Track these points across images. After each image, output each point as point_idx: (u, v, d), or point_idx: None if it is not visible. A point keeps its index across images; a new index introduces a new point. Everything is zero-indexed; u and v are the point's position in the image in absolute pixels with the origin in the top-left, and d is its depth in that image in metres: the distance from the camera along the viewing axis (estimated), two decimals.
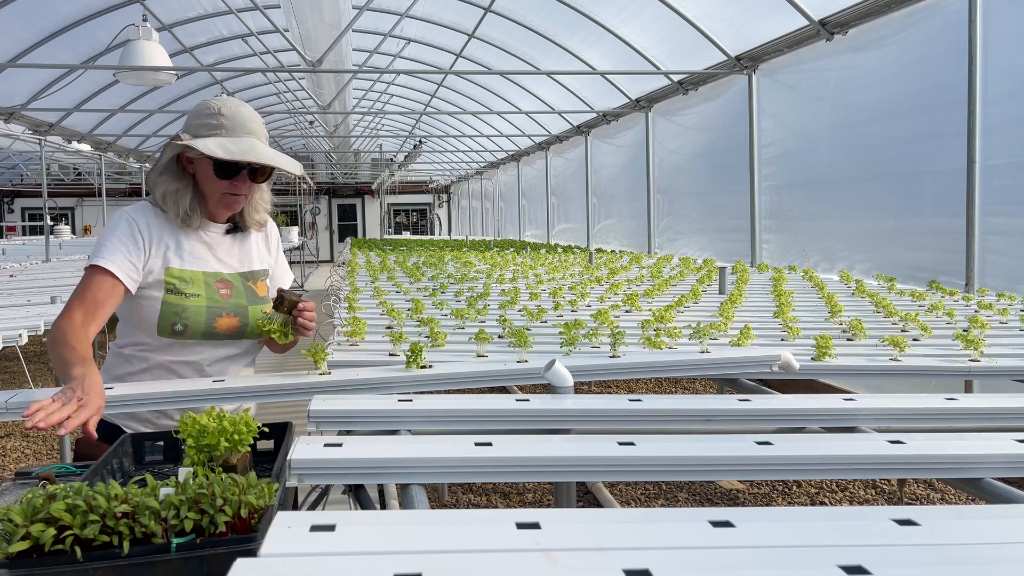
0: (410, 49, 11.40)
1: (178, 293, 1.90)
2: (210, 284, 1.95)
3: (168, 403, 1.78)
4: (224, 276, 1.99)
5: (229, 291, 1.97)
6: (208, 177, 1.93)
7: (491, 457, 1.27)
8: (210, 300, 1.93)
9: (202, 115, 1.92)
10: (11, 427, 6.23)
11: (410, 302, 3.28)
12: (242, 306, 1.98)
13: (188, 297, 1.91)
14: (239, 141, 1.89)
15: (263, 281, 2.08)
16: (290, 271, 2.27)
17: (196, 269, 1.95)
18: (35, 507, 0.95)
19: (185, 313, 1.89)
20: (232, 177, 1.92)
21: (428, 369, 1.87)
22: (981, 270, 4.23)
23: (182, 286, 1.91)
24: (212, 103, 1.94)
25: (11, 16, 7.50)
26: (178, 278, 1.91)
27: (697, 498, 4.43)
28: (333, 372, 1.88)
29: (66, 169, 21.44)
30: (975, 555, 0.89)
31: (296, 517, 0.96)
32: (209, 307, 1.92)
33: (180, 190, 1.93)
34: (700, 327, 2.16)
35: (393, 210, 27.73)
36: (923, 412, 1.63)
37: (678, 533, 0.94)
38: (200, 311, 1.91)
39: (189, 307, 1.90)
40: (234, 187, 1.94)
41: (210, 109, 1.92)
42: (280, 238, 2.24)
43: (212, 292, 1.94)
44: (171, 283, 1.90)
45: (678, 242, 8.50)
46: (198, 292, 1.92)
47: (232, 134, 1.90)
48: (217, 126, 1.90)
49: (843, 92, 5.50)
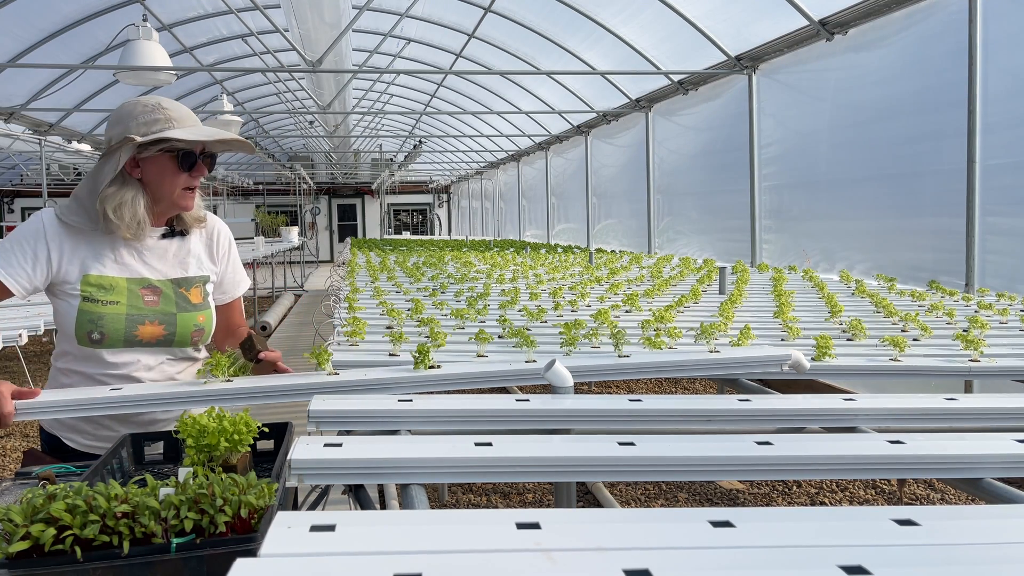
0: (410, 49, 11.40)
1: (93, 301, 1.85)
2: (134, 291, 1.89)
3: (169, 404, 1.78)
4: (152, 282, 1.93)
5: (156, 298, 1.92)
6: (167, 174, 1.88)
7: (491, 457, 1.27)
8: (131, 307, 1.88)
9: (144, 114, 1.86)
10: (11, 427, 6.23)
11: (410, 302, 3.28)
12: (169, 313, 1.92)
13: (105, 304, 1.85)
14: (196, 129, 1.88)
15: (198, 287, 2.00)
16: (247, 277, 2.21)
17: (118, 276, 1.90)
18: (35, 507, 0.95)
19: (101, 321, 1.84)
20: (192, 167, 1.90)
21: (435, 369, 1.87)
22: (981, 270, 4.23)
23: (99, 293, 1.86)
24: (147, 101, 1.89)
25: (11, 16, 7.50)
26: (95, 285, 1.86)
27: (697, 498, 4.43)
28: (340, 373, 1.88)
29: (66, 169, 21.42)
30: (975, 555, 0.89)
31: (296, 517, 0.96)
32: (129, 314, 1.87)
33: (134, 198, 1.86)
34: (704, 327, 2.16)
35: (393, 210, 27.74)
36: (923, 412, 1.63)
37: (678, 533, 0.94)
38: (118, 318, 1.86)
39: (106, 314, 1.85)
40: (192, 179, 1.91)
41: (148, 106, 1.87)
42: (232, 241, 2.16)
43: (135, 299, 1.89)
44: (87, 291, 1.85)
45: (678, 242, 8.51)
46: (117, 299, 1.87)
47: (183, 124, 1.88)
48: (167, 119, 1.86)
49: (843, 92, 5.50)
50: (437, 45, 10.94)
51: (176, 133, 1.84)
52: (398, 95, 15.14)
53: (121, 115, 1.89)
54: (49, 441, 1.94)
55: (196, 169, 1.91)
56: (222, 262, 2.11)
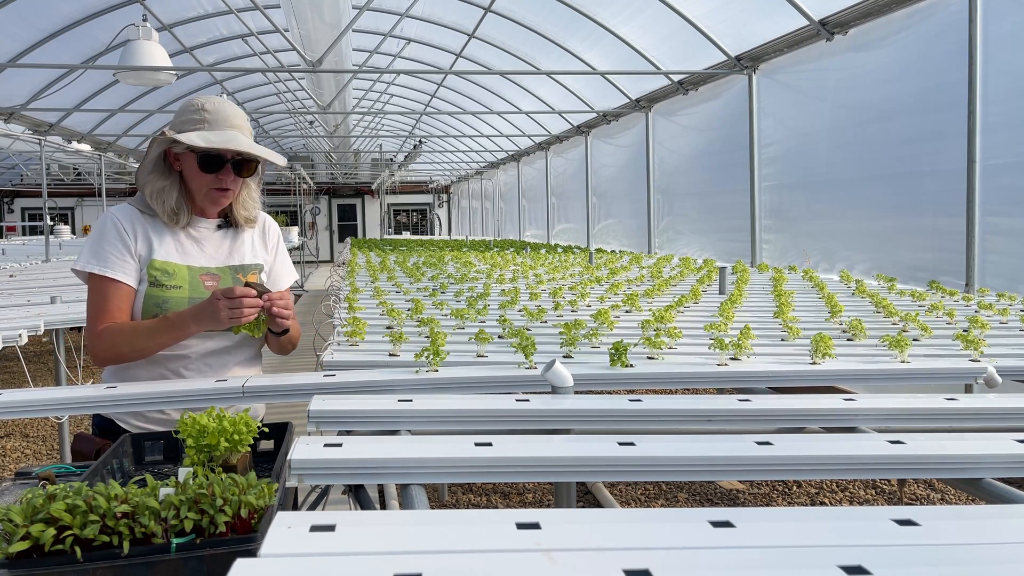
0: (410, 49, 11.40)
1: (159, 285, 1.92)
2: (194, 277, 1.97)
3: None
4: (211, 270, 2.00)
5: (215, 283, 1.98)
6: (194, 172, 1.95)
7: (491, 457, 1.27)
8: (193, 291, 1.94)
9: (186, 112, 1.96)
10: (11, 427, 6.23)
11: (410, 302, 3.28)
12: None
13: (169, 289, 1.92)
14: (220, 133, 1.92)
15: (255, 274, 2.08)
16: (293, 271, 2.28)
17: (180, 262, 1.97)
18: (35, 507, 0.95)
19: (166, 304, 1.91)
20: (216, 171, 1.94)
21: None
22: (981, 270, 4.23)
23: (163, 278, 1.93)
24: (196, 100, 1.97)
25: (11, 16, 7.50)
26: (160, 270, 1.93)
27: (697, 498, 4.43)
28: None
29: (66, 169, 21.43)
30: (975, 555, 0.89)
31: (296, 517, 0.96)
32: (192, 298, 1.93)
33: (167, 188, 1.96)
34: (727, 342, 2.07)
35: (393, 210, 27.74)
36: (923, 412, 1.63)
37: (678, 533, 0.94)
38: (181, 302, 1.92)
39: (170, 298, 1.92)
40: (219, 181, 1.96)
41: (194, 106, 1.96)
42: (281, 237, 2.25)
43: (196, 284, 1.96)
44: (153, 275, 1.93)
45: (678, 242, 8.50)
46: (180, 284, 1.94)
47: (214, 128, 1.93)
48: (200, 120, 1.93)
49: (843, 92, 5.49)
50: (437, 45, 10.94)
51: (193, 136, 1.88)
52: (398, 95, 15.14)
53: (179, 108, 1.99)
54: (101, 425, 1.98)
55: (223, 173, 1.95)
56: (271, 253, 2.18)
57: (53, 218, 22.48)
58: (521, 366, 1.96)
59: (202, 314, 1.82)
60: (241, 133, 1.96)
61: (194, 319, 1.83)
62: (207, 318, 1.81)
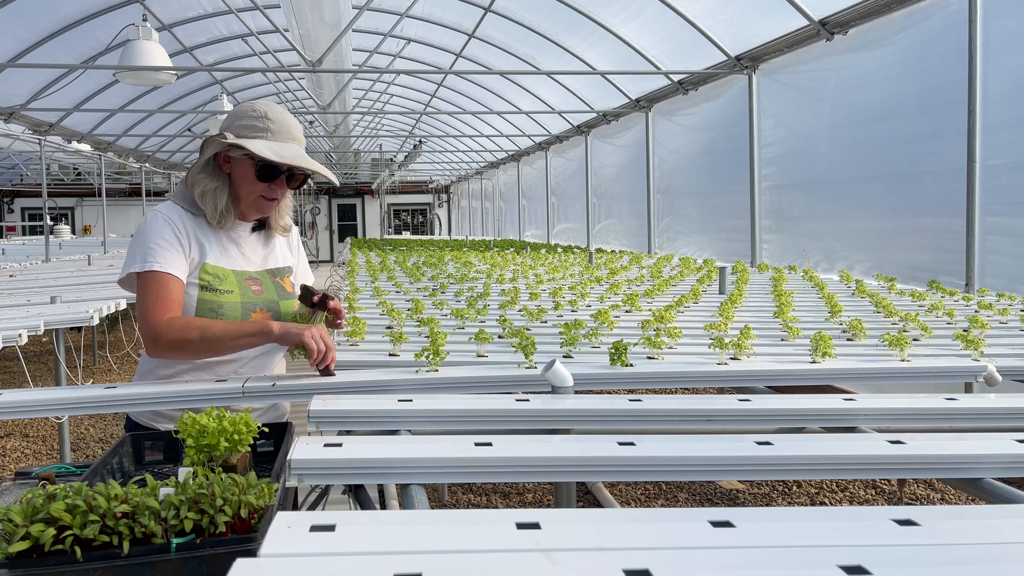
0: (410, 49, 11.40)
1: (213, 290, 1.91)
2: (241, 282, 1.97)
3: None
4: (252, 274, 2.01)
5: (259, 287, 1.99)
6: (247, 179, 1.94)
7: (491, 457, 1.27)
8: (244, 296, 1.94)
9: (246, 116, 1.93)
10: (11, 427, 6.23)
11: (410, 302, 3.28)
12: (273, 301, 1.99)
13: (223, 294, 1.91)
14: (286, 146, 1.91)
15: (288, 277, 2.09)
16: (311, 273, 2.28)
17: (227, 267, 1.96)
18: (35, 507, 0.95)
19: (222, 309, 1.90)
20: (272, 181, 1.94)
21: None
22: (981, 270, 4.23)
23: (216, 283, 1.92)
24: (258, 106, 1.95)
25: (11, 16, 7.50)
26: (212, 275, 1.92)
27: (697, 498, 4.43)
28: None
29: (66, 169, 21.44)
30: (975, 555, 0.89)
31: (296, 517, 0.96)
32: (244, 303, 1.93)
33: (218, 189, 1.94)
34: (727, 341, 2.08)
35: (393, 210, 27.73)
36: (923, 412, 1.63)
37: (678, 533, 0.94)
38: (236, 307, 1.92)
39: (225, 303, 1.91)
40: (271, 191, 1.96)
41: (256, 112, 1.93)
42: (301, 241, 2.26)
43: (244, 289, 1.96)
44: (206, 280, 1.91)
45: (678, 242, 8.50)
46: (231, 289, 1.93)
47: (278, 139, 1.92)
48: (263, 129, 1.91)
49: (843, 92, 5.49)
50: (437, 45, 10.94)
51: (258, 145, 1.87)
52: (398, 95, 15.13)
53: (236, 111, 1.97)
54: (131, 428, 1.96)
55: (276, 183, 1.95)
56: (295, 255, 2.19)
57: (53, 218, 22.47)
58: (521, 366, 1.96)
59: (290, 336, 1.79)
60: (301, 147, 1.96)
61: (281, 337, 1.80)
62: (291, 341, 1.80)
